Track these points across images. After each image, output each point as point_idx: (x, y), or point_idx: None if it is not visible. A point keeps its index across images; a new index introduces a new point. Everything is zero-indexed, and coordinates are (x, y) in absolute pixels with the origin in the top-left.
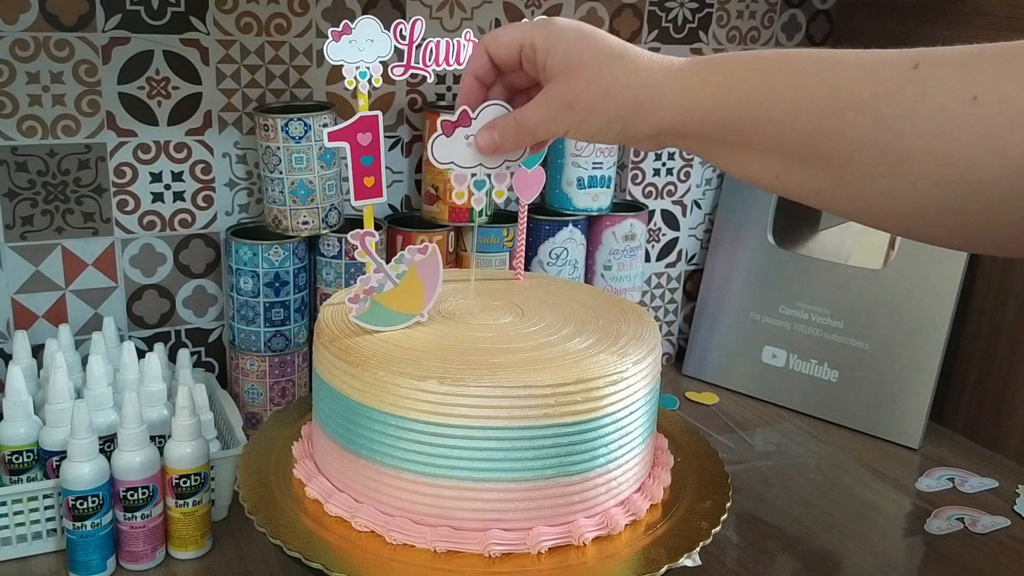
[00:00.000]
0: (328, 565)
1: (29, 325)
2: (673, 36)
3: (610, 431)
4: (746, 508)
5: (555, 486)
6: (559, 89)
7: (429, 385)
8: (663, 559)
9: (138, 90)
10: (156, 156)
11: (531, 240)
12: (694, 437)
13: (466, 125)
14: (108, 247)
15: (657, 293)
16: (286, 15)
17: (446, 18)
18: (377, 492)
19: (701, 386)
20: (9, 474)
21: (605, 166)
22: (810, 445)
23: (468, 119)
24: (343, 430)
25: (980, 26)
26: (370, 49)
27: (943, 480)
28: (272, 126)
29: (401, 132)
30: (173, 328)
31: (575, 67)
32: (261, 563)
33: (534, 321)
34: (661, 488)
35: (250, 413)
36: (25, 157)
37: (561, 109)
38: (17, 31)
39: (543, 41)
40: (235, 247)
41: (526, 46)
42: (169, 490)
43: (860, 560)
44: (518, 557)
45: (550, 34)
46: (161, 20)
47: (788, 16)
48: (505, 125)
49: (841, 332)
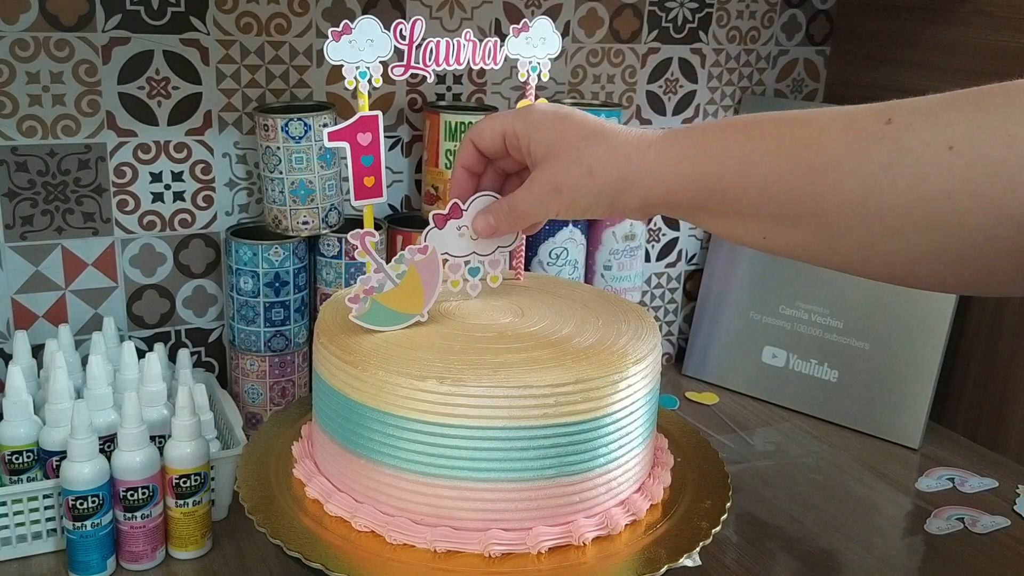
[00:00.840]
0: (328, 565)
1: (29, 325)
2: (673, 36)
3: (610, 431)
4: (746, 508)
5: (555, 486)
6: (544, 174)
7: (429, 385)
8: (663, 559)
9: (138, 90)
10: (156, 156)
11: (531, 240)
12: (694, 437)
13: (458, 217)
14: (108, 247)
15: (657, 293)
16: (286, 15)
17: (446, 18)
18: (377, 492)
19: (701, 386)
20: (9, 474)
21: None
22: (810, 445)
23: (459, 211)
24: (343, 430)
25: (980, 26)
26: (370, 49)
27: (943, 480)
28: (272, 126)
29: (401, 132)
30: (173, 328)
31: (557, 151)
32: (261, 563)
33: (534, 321)
34: (661, 488)
35: (250, 413)
36: (25, 157)
37: (549, 192)
38: (17, 31)
39: (523, 128)
40: (235, 247)
41: (508, 135)
42: (169, 490)
43: (860, 560)
44: (518, 557)
45: (529, 122)
46: (161, 20)
47: (788, 16)
48: (499, 210)
49: (841, 332)
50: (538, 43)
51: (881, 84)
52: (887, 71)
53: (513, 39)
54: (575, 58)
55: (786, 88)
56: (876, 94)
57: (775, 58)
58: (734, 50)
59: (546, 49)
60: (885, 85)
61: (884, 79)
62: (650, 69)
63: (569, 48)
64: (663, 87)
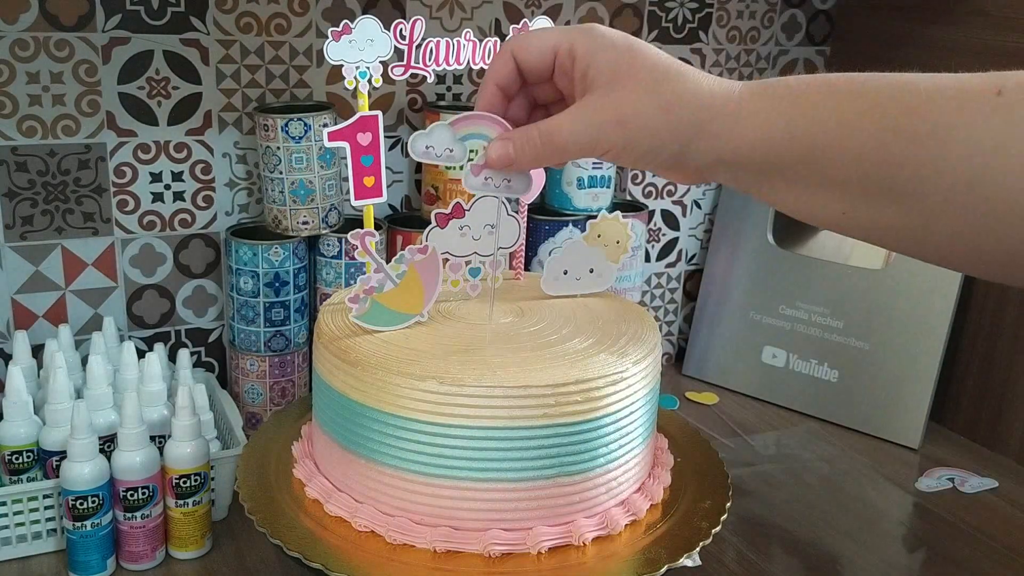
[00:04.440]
0: (328, 565)
1: (29, 325)
2: (673, 36)
3: (610, 431)
4: (746, 508)
5: (555, 486)
6: (605, 101)
7: (429, 385)
8: (663, 559)
9: (138, 90)
10: (156, 156)
11: (531, 240)
12: (694, 437)
13: (460, 217)
14: (108, 247)
15: (657, 293)
16: (286, 15)
17: (446, 18)
18: (377, 492)
19: (701, 386)
20: (9, 474)
21: (605, 166)
22: (810, 445)
23: (462, 211)
24: (343, 430)
25: (980, 26)
26: (370, 49)
27: (943, 480)
28: (272, 126)
29: (401, 132)
30: (173, 328)
31: (626, 78)
32: (261, 563)
33: (534, 321)
34: (661, 488)
35: (250, 413)
36: (25, 157)
37: (608, 124)
38: (17, 31)
39: (585, 48)
40: (235, 247)
41: (562, 52)
42: (169, 490)
43: (859, 559)
44: (518, 557)
45: (594, 41)
46: (161, 20)
47: (788, 16)
48: (526, 138)
49: (841, 332)
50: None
51: None
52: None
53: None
54: None
55: None
56: None
57: (775, 58)
58: (734, 50)
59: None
60: None
61: None
62: None
63: None
64: None
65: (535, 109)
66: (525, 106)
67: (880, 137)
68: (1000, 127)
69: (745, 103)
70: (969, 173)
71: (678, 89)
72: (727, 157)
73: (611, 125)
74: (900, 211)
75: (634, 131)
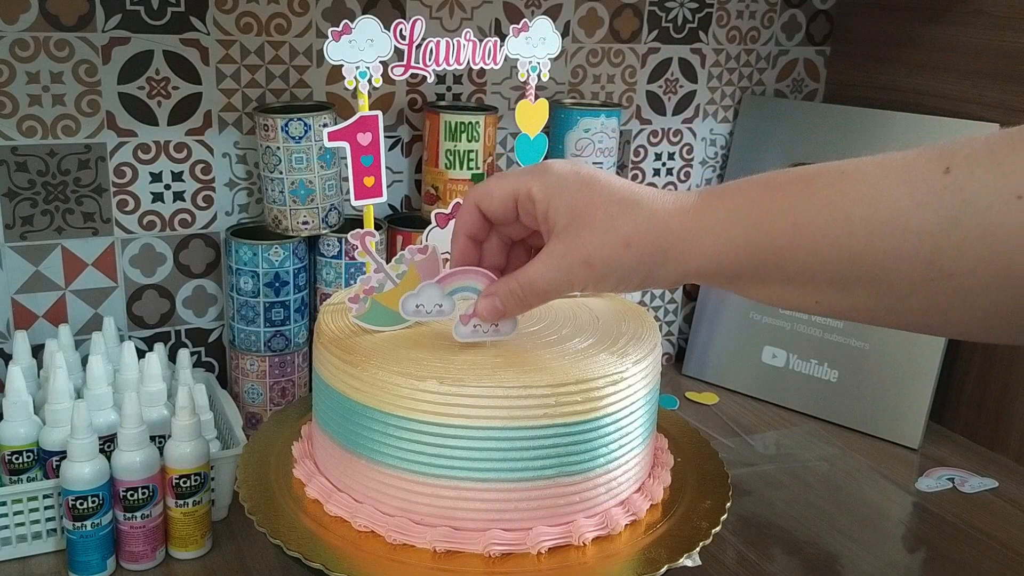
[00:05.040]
0: (328, 565)
1: (29, 325)
2: (673, 36)
3: (610, 431)
4: (746, 508)
5: (555, 486)
6: (569, 245)
7: (429, 385)
8: (663, 559)
9: (138, 90)
10: (156, 156)
11: None
12: (694, 437)
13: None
14: (108, 247)
15: (657, 293)
16: (286, 15)
17: (446, 18)
18: (377, 492)
19: (701, 386)
20: (9, 474)
21: (605, 166)
22: (810, 445)
23: None
24: (343, 430)
25: (980, 26)
26: (370, 49)
27: (943, 480)
28: (272, 126)
29: (401, 132)
30: (173, 328)
31: (584, 219)
32: (261, 563)
33: (533, 321)
34: (661, 488)
35: (250, 413)
36: (25, 157)
37: (576, 266)
38: (17, 31)
39: (542, 192)
40: (235, 247)
41: (522, 197)
42: (169, 490)
43: (859, 559)
44: (518, 557)
45: (548, 185)
46: (161, 20)
47: (788, 16)
48: (509, 291)
49: (841, 332)
50: (538, 43)
51: (881, 84)
52: (887, 71)
53: (513, 39)
54: (575, 58)
55: (786, 88)
56: (876, 94)
57: (775, 58)
58: (734, 50)
59: (546, 49)
60: (885, 85)
61: (884, 79)
62: (650, 69)
63: (569, 48)
64: (663, 87)
65: (513, 246)
66: (501, 246)
67: (836, 233)
68: (951, 203)
69: (702, 219)
70: (927, 253)
71: (635, 220)
72: (693, 272)
73: (579, 267)
74: (871, 295)
75: (601, 269)
